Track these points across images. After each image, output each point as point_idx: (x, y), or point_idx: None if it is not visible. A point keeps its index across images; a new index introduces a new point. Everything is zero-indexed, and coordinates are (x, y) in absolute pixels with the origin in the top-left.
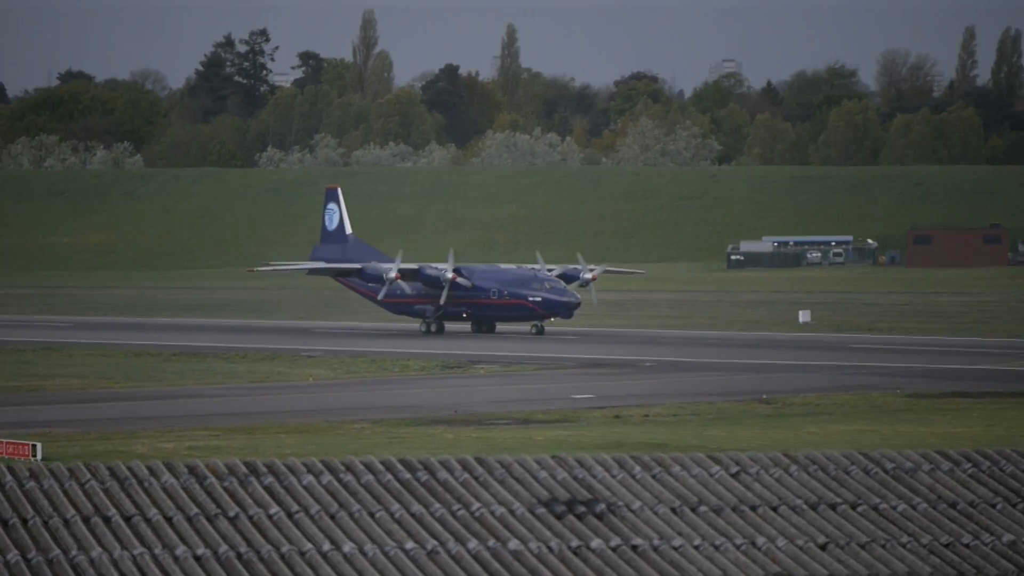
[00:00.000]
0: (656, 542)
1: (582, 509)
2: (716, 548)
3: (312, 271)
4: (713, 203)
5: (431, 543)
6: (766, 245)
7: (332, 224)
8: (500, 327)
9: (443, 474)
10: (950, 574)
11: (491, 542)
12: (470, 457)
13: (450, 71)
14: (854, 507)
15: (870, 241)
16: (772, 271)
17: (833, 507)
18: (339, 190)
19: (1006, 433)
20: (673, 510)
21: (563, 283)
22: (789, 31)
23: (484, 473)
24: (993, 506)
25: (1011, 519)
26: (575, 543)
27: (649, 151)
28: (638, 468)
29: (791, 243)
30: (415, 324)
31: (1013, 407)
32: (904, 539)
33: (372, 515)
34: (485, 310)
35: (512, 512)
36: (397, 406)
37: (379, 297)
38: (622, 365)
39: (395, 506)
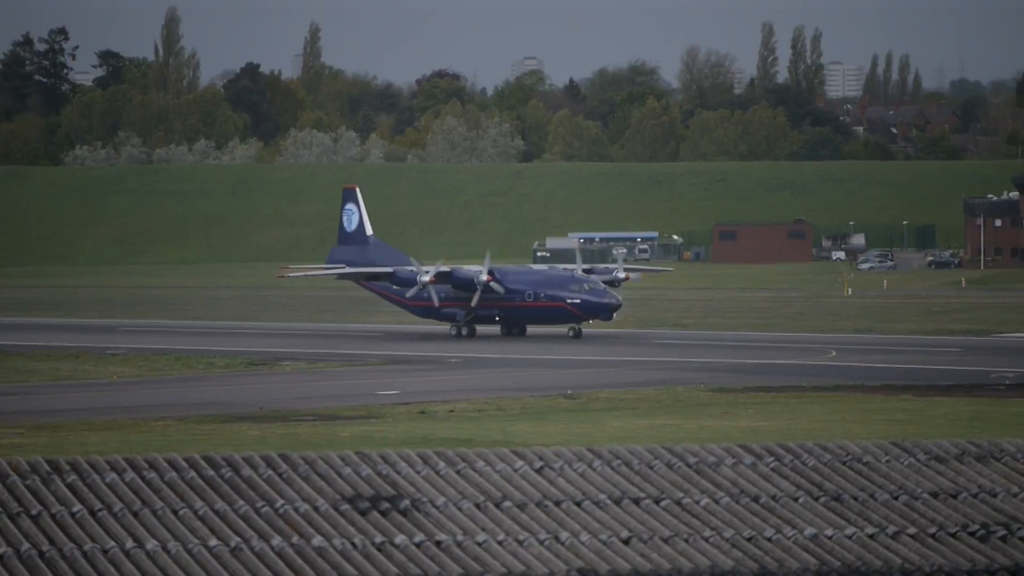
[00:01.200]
0: (460, 537)
1: (386, 505)
2: (520, 543)
3: (341, 275)
4: (519, 200)
5: (235, 540)
6: (572, 242)
7: (351, 225)
8: (534, 330)
9: (247, 471)
10: (752, 568)
11: (295, 539)
12: (274, 454)
13: (252, 69)
14: (657, 501)
15: (675, 237)
16: None
17: (636, 502)
18: (357, 190)
19: (809, 427)
20: (477, 505)
21: (602, 284)
22: (591, 29)
23: (288, 470)
24: (795, 500)
25: (813, 512)
26: (379, 539)
27: (456, 149)
28: (442, 464)
29: (597, 239)
30: (445, 327)
31: (816, 401)
32: (707, 533)
33: (175, 512)
34: (520, 313)
35: (316, 509)
36: (202, 403)
37: (407, 295)
38: (428, 361)
39: (199, 503)
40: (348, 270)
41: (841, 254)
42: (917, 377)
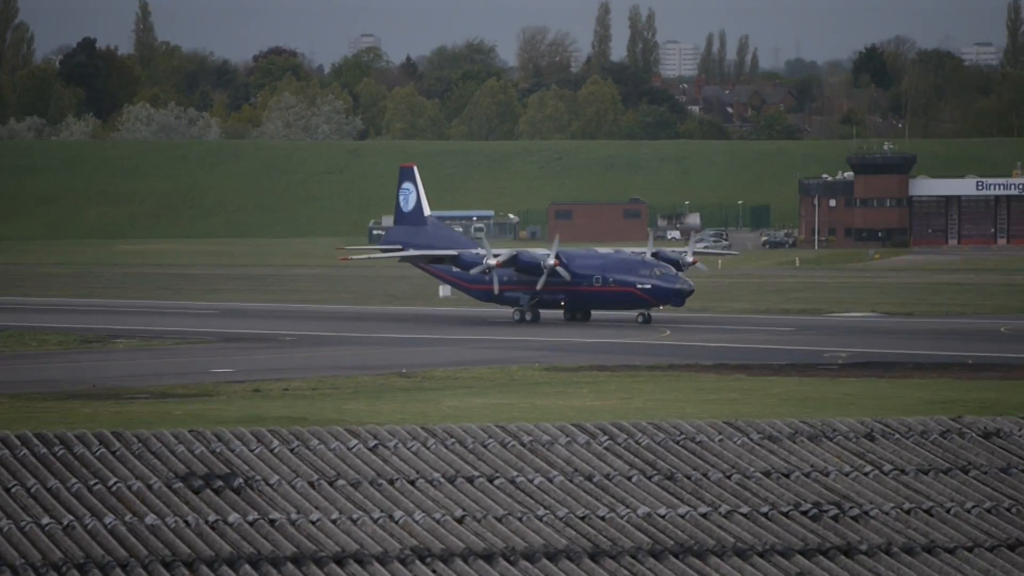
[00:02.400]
0: (294, 516)
1: (219, 483)
2: (354, 522)
3: (404, 258)
4: (355, 178)
5: (67, 518)
6: None
7: (408, 205)
8: (601, 315)
9: (79, 448)
10: (586, 546)
11: (128, 517)
12: (107, 431)
13: (87, 45)
14: (491, 480)
15: (511, 216)
16: None
17: (470, 480)
18: (415, 168)
19: (643, 406)
20: (311, 484)
21: (673, 269)
22: (428, 6)
23: (121, 448)
24: (629, 478)
25: (646, 491)
26: (212, 518)
27: (292, 127)
28: (276, 442)
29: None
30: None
31: (649, 380)
32: (541, 511)
33: (8, 490)
34: (586, 297)
35: (149, 487)
36: (35, 380)
37: (495, 291)
38: (262, 339)
39: (31, 481)
40: (412, 252)
41: (676, 233)
42: (750, 356)
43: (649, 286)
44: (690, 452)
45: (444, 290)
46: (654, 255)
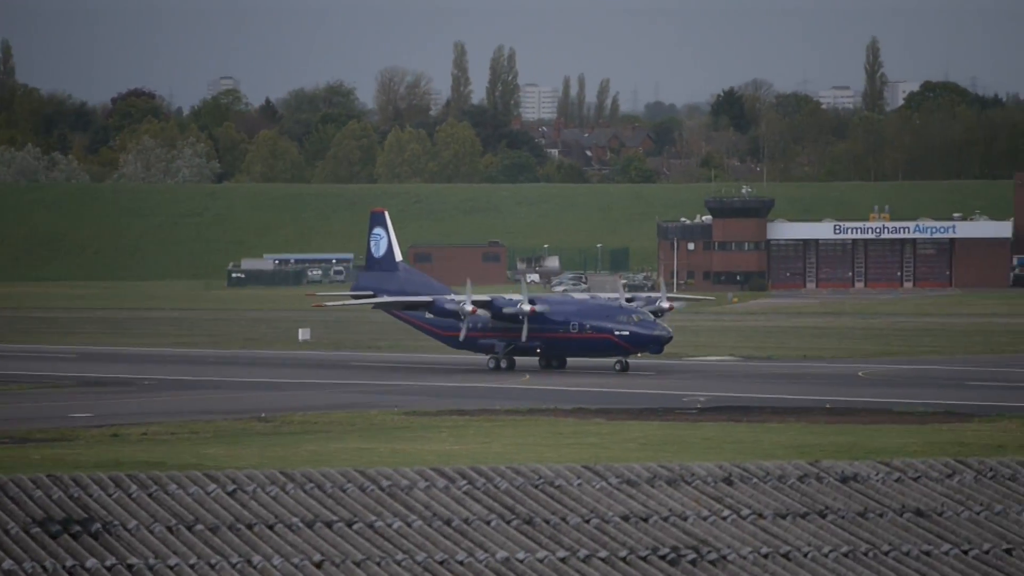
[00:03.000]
0: (152, 561)
1: (77, 528)
2: (212, 567)
3: (378, 305)
4: (214, 221)
5: None
6: (267, 263)
7: (379, 251)
8: (576, 363)
9: None
10: None
11: None
12: None
13: None
14: (350, 524)
15: None
16: (273, 289)
17: (329, 525)
18: (385, 213)
19: (502, 450)
20: (169, 529)
21: (651, 315)
22: (286, 48)
23: None
24: (488, 523)
25: (505, 536)
26: (70, 563)
27: (152, 169)
28: (134, 487)
29: (292, 261)
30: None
31: (509, 424)
32: (399, 556)
33: None
34: (563, 344)
35: (7, 532)
36: None
37: (461, 338)
38: (121, 383)
39: None
40: (386, 299)
41: (535, 276)
42: (609, 400)
43: (627, 332)
44: (549, 496)
45: (304, 333)
46: (629, 300)
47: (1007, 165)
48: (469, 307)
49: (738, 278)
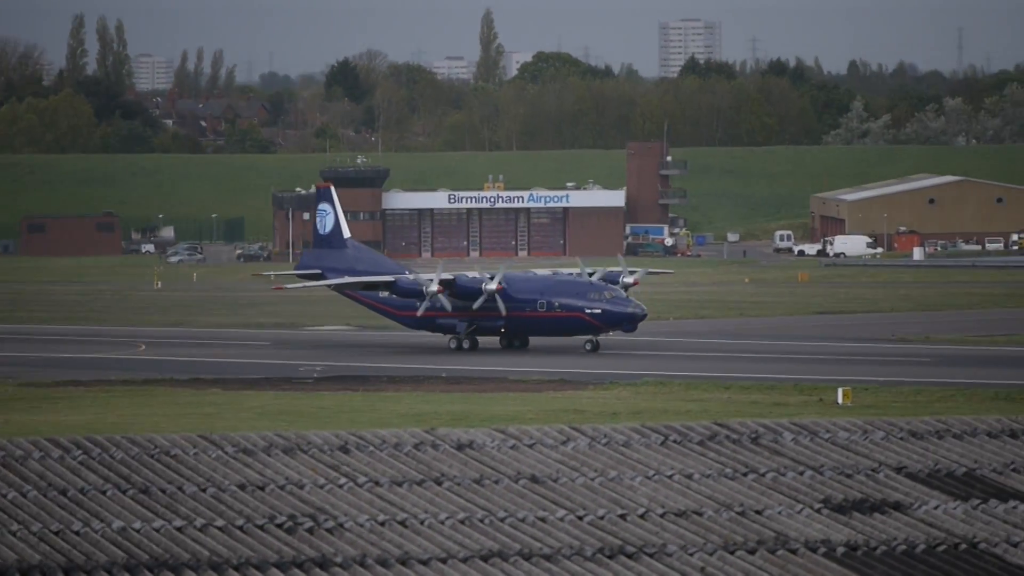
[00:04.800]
0: None
1: None
2: None
3: (339, 285)
4: None
5: None
6: None
7: (326, 227)
8: (544, 342)
9: None
10: (60, 562)
11: None
12: None
13: None
14: None
15: None
16: None
17: None
18: (332, 188)
19: (117, 420)
20: None
21: (624, 292)
22: None
23: None
24: (103, 492)
25: (121, 505)
26: None
27: None
28: None
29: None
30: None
31: (125, 395)
32: (14, 527)
33: None
34: (530, 324)
35: None
36: None
37: (419, 313)
38: None
39: None
40: (347, 280)
41: (151, 247)
42: (225, 371)
43: (599, 311)
44: (165, 466)
45: None
46: (590, 275)
47: (619, 135)
48: (435, 287)
49: None
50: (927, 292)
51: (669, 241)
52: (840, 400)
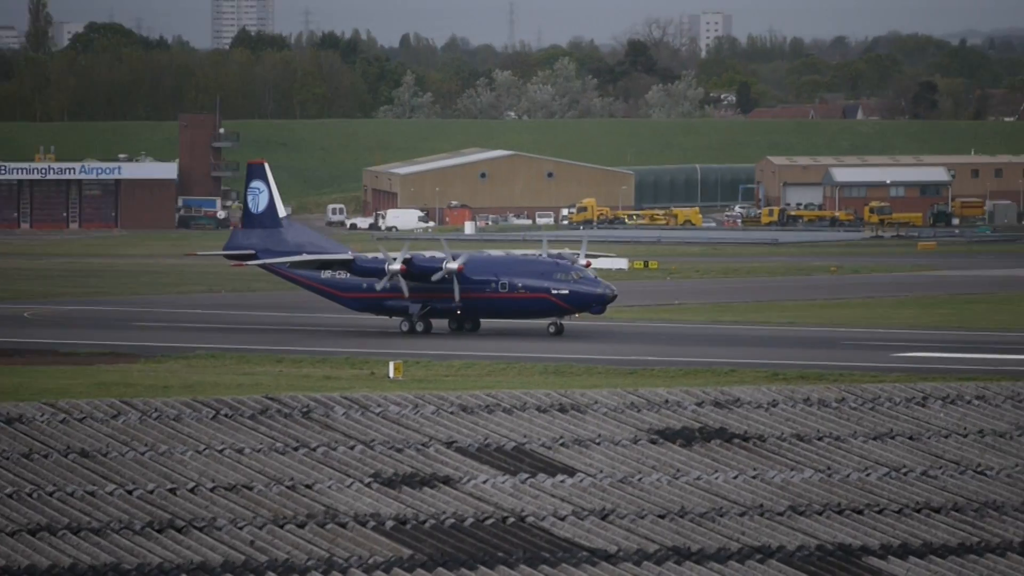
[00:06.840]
0: None
1: None
2: None
3: (294, 264)
4: None
5: None
6: None
7: (259, 206)
8: (504, 325)
9: None
10: None
11: None
12: None
13: None
14: None
15: None
16: None
17: None
18: (266, 165)
19: None
20: None
21: (593, 273)
22: None
23: None
24: None
25: None
26: None
27: None
28: None
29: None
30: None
31: None
32: None
33: None
34: (488, 306)
35: None
36: None
37: (379, 287)
38: None
39: None
40: (301, 258)
41: None
42: None
43: (567, 292)
44: None
45: None
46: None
47: (172, 107)
48: (397, 266)
49: None
50: None
51: (222, 214)
52: (392, 374)
